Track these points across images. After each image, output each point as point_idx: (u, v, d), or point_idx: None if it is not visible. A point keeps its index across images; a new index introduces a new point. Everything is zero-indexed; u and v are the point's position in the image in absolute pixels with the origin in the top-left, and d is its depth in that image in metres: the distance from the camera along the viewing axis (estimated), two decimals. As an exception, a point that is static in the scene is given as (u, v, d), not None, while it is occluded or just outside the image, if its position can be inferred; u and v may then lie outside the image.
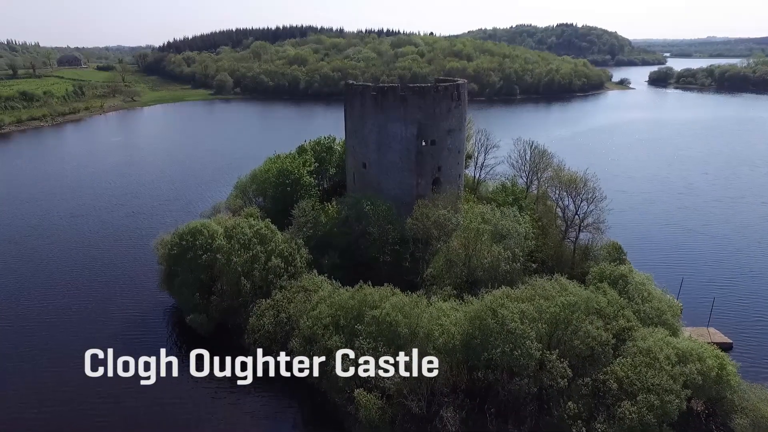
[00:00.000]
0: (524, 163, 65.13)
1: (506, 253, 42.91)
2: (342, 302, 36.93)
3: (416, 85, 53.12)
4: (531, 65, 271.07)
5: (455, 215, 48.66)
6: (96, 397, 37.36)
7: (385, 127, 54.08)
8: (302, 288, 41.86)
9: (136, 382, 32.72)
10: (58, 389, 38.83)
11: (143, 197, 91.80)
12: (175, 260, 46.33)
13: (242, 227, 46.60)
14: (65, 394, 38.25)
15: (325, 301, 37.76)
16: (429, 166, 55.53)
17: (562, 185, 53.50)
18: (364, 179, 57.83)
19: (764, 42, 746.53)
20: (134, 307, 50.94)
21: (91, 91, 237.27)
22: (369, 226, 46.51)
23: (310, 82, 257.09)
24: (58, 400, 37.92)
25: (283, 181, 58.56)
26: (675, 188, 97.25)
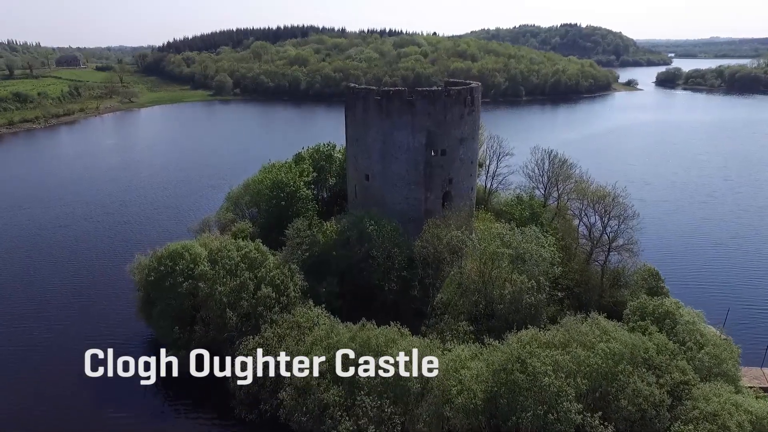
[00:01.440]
0: (542, 174, 59.51)
1: (530, 283, 37.36)
2: (341, 345, 31.42)
3: (425, 89, 47.60)
4: (537, 66, 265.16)
5: (470, 236, 43.13)
6: (96, 396, 37.39)
7: (390, 135, 48.58)
8: (295, 323, 36.35)
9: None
10: (58, 389, 38.81)
11: (133, 205, 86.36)
12: (153, 287, 40.89)
13: (229, 250, 41.13)
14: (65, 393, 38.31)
15: (322, 342, 32.25)
16: (439, 178, 50.02)
17: (588, 200, 47.86)
18: (366, 192, 52.34)
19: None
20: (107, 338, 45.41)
21: (88, 92, 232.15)
22: (372, 249, 40.96)
23: (311, 82, 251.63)
24: (59, 399, 38.10)
25: (277, 194, 53.08)
26: (697, 196, 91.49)
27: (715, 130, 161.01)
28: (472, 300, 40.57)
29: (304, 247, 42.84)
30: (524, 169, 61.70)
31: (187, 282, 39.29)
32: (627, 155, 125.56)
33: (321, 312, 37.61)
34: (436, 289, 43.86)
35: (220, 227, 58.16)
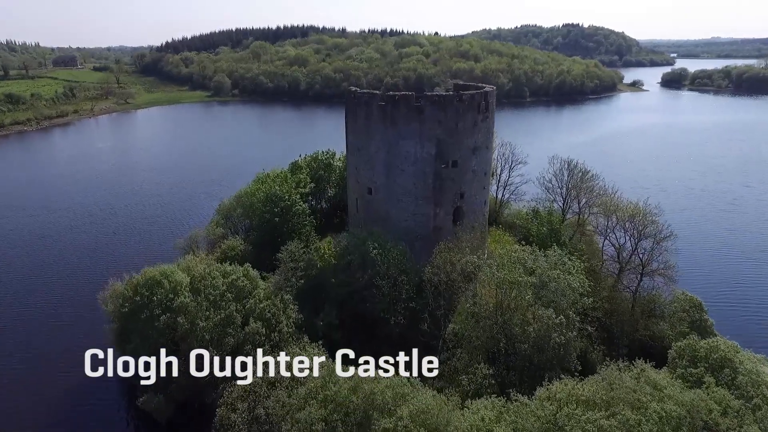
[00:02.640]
0: (561, 185, 54.62)
1: (558, 318, 32.41)
2: (340, 399, 26.50)
3: (435, 94, 42.69)
4: (541, 66, 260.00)
5: (486, 261, 38.16)
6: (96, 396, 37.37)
7: (395, 144, 43.67)
8: (288, 366, 31.39)
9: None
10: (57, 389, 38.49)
11: (122, 214, 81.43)
12: (128, 319, 36.00)
13: (213, 277, 36.20)
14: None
15: (317, 396, 27.30)
16: (449, 192, 45.09)
17: (617, 218, 42.88)
18: (369, 207, 47.41)
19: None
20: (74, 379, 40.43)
21: (83, 92, 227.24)
22: (377, 276, 36.01)
23: (311, 83, 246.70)
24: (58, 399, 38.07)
25: (271, 208, 48.15)
26: (717, 204, 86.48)
27: (727, 132, 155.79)
28: (488, 333, 35.61)
29: (299, 273, 37.87)
30: (541, 179, 56.90)
31: (165, 315, 34.39)
32: (639, 159, 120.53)
33: (318, 351, 32.65)
34: (448, 321, 38.93)
35: (209, 244, 53.37)
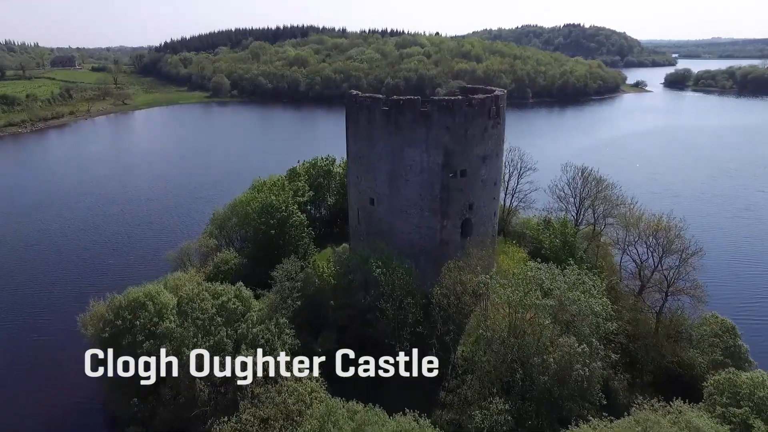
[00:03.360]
0: (574, 195, 51.61)
1: (581, 347, 29.39)
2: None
3: (442, 98, 39.65)
4: (544, 67, 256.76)
5: (498, 280, 35.09)
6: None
7: (400, 152, 40.66)
8: (282, 402, 28.37)
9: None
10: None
11: (114, 221, 78.37)
12: (109, 345, 32.94)
13: (202, 299, 33.13)
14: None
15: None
16: (457, 204, 42.08)
17: (641, 232, 39.82)
18: (371, 220, 44.39)
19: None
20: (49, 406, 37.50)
21: (80, 93, 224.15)
22: (380, 298, 32.98)
23: (310, 84, 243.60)
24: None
25: (266, 220, 45.12)
26: (732, 210, 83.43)
27: (735, 134, 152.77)
28: (502, 359, 32.60)
29: (296, 294, 34.83)
30: (552, 187, 53.86)
31: (148, 342, 31.35)
32: (647, 163, 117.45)
33: (316, 385, 29.62)
34: (457, 344, 35.96)
35: (202, 257, 50.39)
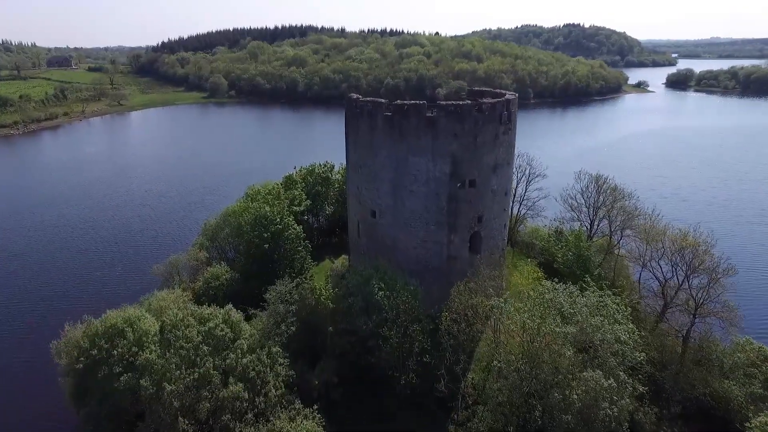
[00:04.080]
0: (587, 203, 48.58)
1: (608, 383, 26.33)
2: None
3: (450, 103, 36.56)
4: (545, 67, 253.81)
5: (511, 301, 32.00)
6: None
7: (404, 161, 37.62)
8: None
9: None
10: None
11: (103, 228, 75.11)
12: (84, 376, 29.85)
13: (187, 326, 30.01)
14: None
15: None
16: (466, 216, 39.04)
17: (663, 247, 36.76)
18: (372, 233, 41.33)
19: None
20: None
21: (75, 94, 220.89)
22: (384, 325, 29.88)
23: (309, 84, 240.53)
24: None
25: (260, 233, 42.00)
26: (745, 215, 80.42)
27: (742, 135, 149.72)
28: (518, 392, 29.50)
29: (290, 319, 31.70)
30: (564, 196, 50.79)
31: (126, 375, 28.24)
32: (654, 164, 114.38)
33: (312, 425, 26.51)
34: (468, 371, 32.90)
35: (191, 271, 47.26)
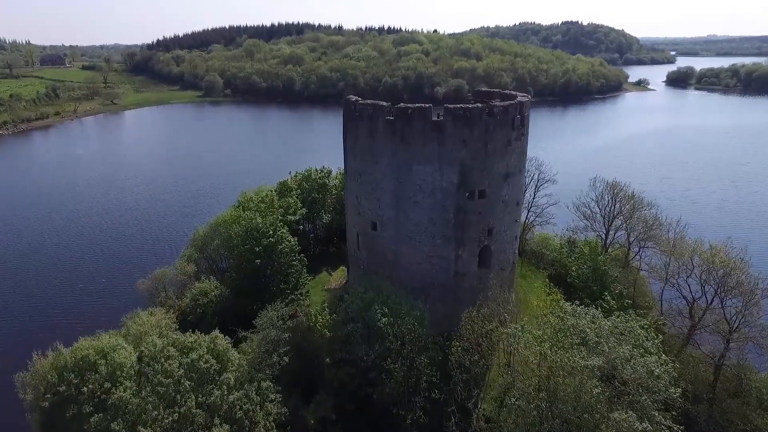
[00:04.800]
0: (603, 212, 45.46)
1: (642, 425, 23.22)
2: None
3: (459, 106, 33.33)
4: (545, 65, 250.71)
5: (528, 329, 28.84)
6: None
7: (408, 170, 34.41)
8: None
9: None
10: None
11: (89, 235, 71.86)
12: (51, 415, 26.60)
13: (167, 356, 26.77)
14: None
15: None
16: (475, 229, 35.85)
17: (690, 262, 33.68)
18: (373, 246, 38.10)
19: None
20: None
21: (68, 93, 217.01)
22: (387, 356, 26.69)
23: (306, 83, 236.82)
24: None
25: (251, 246, 38.75)
26: (756, 219, 77.53)
27: (747, 135, 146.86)
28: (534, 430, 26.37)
29: (283, 349, 28.46)
30: (578, 204, 47.72)
31: (97, 415, 25.00)
32: (660, 164, 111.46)
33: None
34: (480, 403, 29.73)
35: (178, 286, 43.93)
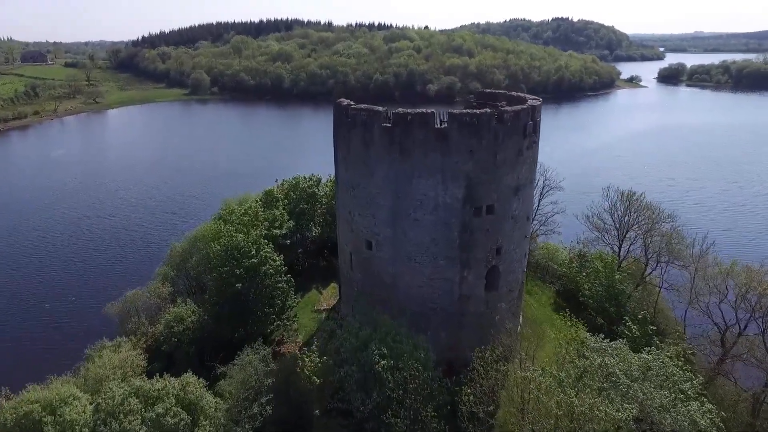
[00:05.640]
0: (616, 223, 41.95)
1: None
2: None
3: (466, 112, 29.43)
4: (538, 62, 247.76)
5: (550, 371, 25.15)
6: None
7: (407, 183, 30.50)
8: None
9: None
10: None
11: (61, 246, 66.81)
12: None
13: (128, 411, 22.66)
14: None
15: None
16: (482, 248, 32.06)
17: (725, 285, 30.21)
18: (368, 268, 34.18)
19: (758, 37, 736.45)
20: None
21: (48, 91, 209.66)
22: (387, 407, 22.83)
23: (295, 80, 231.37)
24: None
25: (231, 268, 34.65)
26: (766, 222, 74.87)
27: (744, 133, 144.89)
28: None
29: (265, 398, 24.46)
30: (590, 215, 44.16)
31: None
32: (657, 163, 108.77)
33: None
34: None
35: (152, 310, 39.73)
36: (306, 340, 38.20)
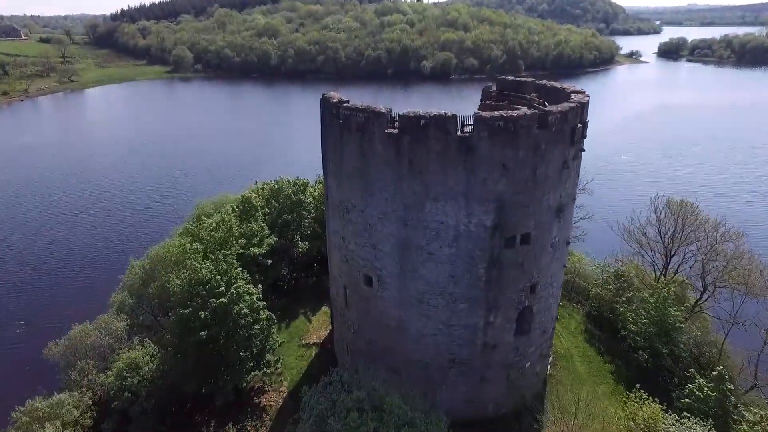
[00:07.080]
0: (660, 238, 35.08)
1: None
2: None
3: (499, 115, 21.92)
4: (536, 36, 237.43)
5: None
6: None
7: (419, 208, 23.18)
8: None
9: None
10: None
11: (8, 259, 57.68)
12: None
13: None
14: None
15: None
16: (513, 287, 25.08)
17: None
18: (367, 308, 27.12)
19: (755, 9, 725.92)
20: None
21: (18, 69, 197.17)
22: None
23: (282, 57, 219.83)
24: None
25: (194, 311, 27.34)
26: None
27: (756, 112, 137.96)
28: None
29: None
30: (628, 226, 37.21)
31: None
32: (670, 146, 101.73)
33: None
34: None
35: (103, 352, 32.49)
36: (292, 387, 31.38)
